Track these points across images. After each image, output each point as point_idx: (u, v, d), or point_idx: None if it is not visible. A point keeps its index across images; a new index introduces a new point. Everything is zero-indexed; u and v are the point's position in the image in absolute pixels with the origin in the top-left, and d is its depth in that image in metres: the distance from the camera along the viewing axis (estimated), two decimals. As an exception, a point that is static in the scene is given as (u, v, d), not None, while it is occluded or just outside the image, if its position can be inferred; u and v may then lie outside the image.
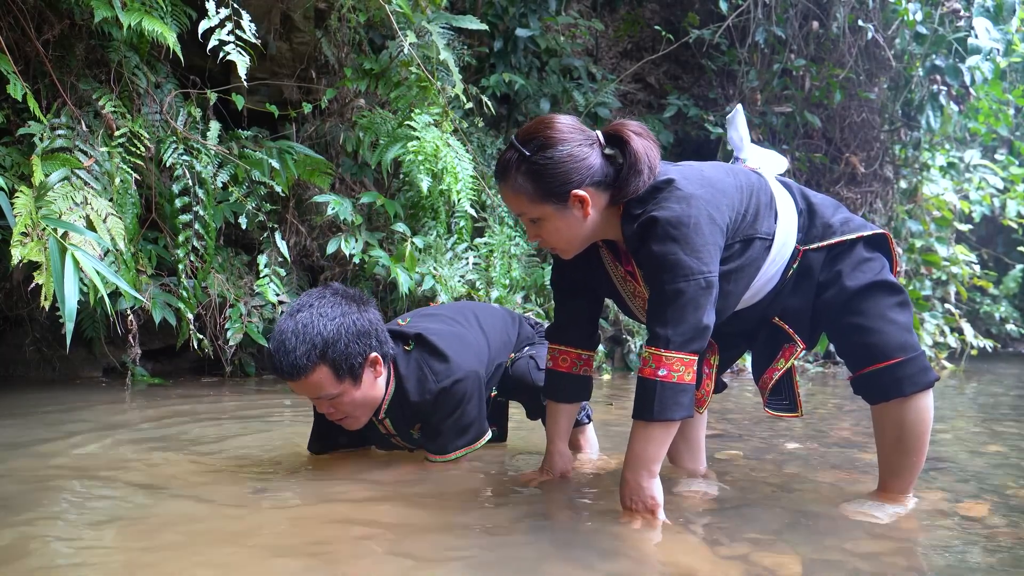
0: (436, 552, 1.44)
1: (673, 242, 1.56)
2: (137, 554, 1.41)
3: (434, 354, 2.02)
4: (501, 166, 1.67)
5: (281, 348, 1.86)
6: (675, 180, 1.63)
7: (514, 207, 1.69)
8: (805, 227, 1.80)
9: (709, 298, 1.59)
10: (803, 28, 5.91)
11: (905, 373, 1.73)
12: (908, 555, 1.53)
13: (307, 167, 4.01)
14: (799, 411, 1.94)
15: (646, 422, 1.59)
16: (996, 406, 4.09)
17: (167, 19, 3.35)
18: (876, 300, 1.76)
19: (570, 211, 1.65)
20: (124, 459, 2.20)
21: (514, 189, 1.65)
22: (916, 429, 1.77)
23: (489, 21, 5.08)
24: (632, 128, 1.66)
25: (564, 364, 1.91)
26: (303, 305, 1.92)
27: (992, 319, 8.69)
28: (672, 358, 1.56)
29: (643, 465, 1.61)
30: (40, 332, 4.03)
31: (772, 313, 1.86)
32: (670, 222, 1.57)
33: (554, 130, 1.63)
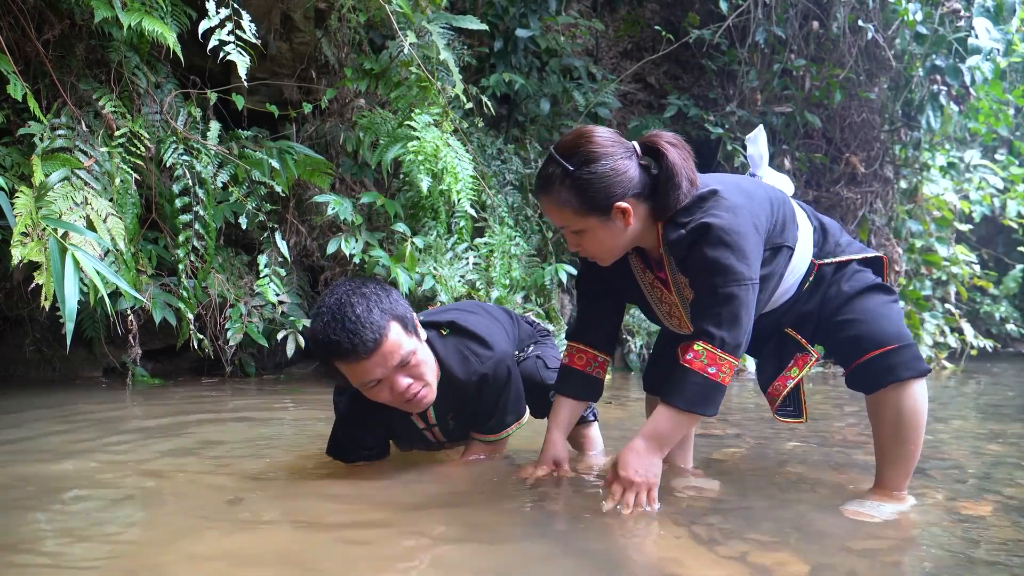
0: (429, 555, 1.44)
1: (726, 248, 1.63)
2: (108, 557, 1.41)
3: (473, 338, 2.03)
4: (544, 180, 1.71)
5: (348, 324, 1.75)
6: (719, 191, 1.70)
7: (557, 220, 1.73)
8: (820, 243, 1.89)
9: (755, 303, 1.67)
10: (803, 28, 5.90)
11: (899, 360, 1.77)
12: (908, 555, 1.53)
13: (307, 167, 4.01)
14: (804, 417, 1.98)
15: (679, 410, 1.66)
16: (996, 406, 4.09)
17: (167, 19, 3.35)
18: (869, 298, 1.85)
19: (613, 222, 1.70)
20: (122, 460, 2.20)
21: (559, 203, 1.69)
22: (913, 418, 1.80)
23: (489, 21, 5.08)
24: (667, 139, 1.71)
25: (579, 362, 1.96)
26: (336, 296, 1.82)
27: (992, 319, 8.69)
28: (724, 359, 1.64)
29: (662, 444, 1.69)
30: (40, 332, 4.03)
31: (786, 323, 1.92)
32: (724, 229, 1.64)
33: (595, 144, 1.67)
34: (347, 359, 1.77)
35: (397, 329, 1.82)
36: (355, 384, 1.85)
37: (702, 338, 1.65)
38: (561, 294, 5.13)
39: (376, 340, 1.77)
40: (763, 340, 1.97)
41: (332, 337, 1.77)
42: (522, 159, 5.21)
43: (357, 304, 1.79)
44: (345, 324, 1.76)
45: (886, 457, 1.87)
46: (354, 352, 1.76)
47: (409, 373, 1.85)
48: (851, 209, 6.38)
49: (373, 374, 1.80)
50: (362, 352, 1.76)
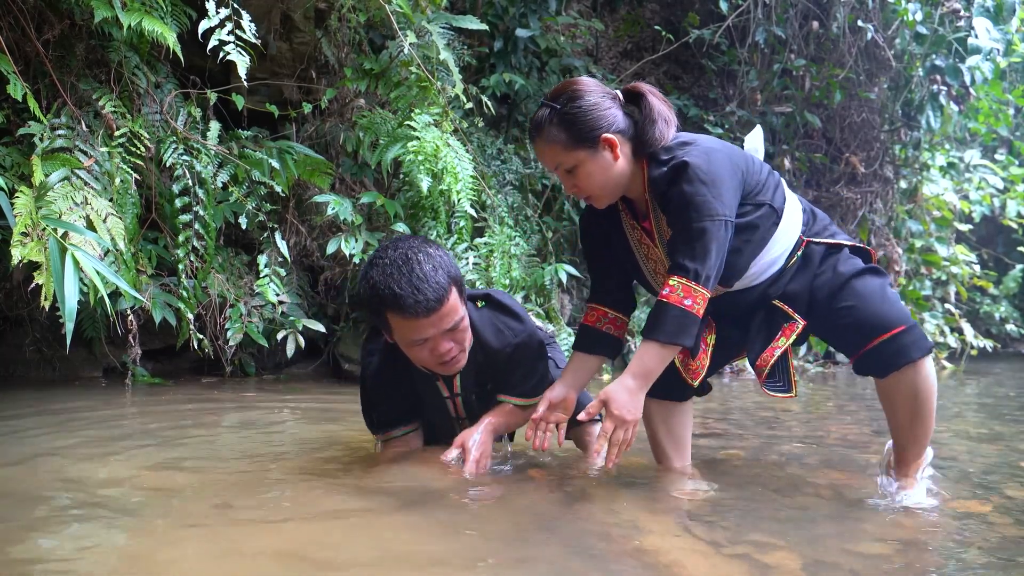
0: (433, 554, 1.44)
1: (702, 184, 1.72)
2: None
3: (507, 312, 2.07)
4: (535, 124, 1.83)
5: (415, 280, 1.75)
6: (697, 138, 1.83)
7: (550, 159, 1.84)
8: (809, 223, 1.96)
9: (727, 241, 1.75)
10: (803, 28, 5.91)
11: (910, 340, 1.83)
12: (908, 555, 1.53)
13: (307, 167, 4.01)
14: (793, 391, 2.00)
15: (661, 343, 1.74)
16: (996, 406, 4.09)
17: (167, 19, 3.34)
18: (867, 281, 1.90)
19: (601, 155, 1.81)
20: (121, 461, 2.20)
21: (549, 141, 1.81)
22: (928, 394, 1.88)
23: (489, 21, 5.07)
24: (647, 87, 1.86)
25: (591, 319, 2.02)
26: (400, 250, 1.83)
27: (992, 319, 8.69)
28: (698, 291, 1.72)
29: (648, 380, 1.77)
30: (40, 332, 4.03)
31: (773, 295, 1.96)
32: (700, 167, 1.73)
33: (579, 85, 1.83)
34: (404, 314, 1.77)
35: (456, 294, 1.83)
36: (399, 339, 1.85)
37: (677, 272, 1.73)
38: (561, 294, 5.13)
39: (439, 301, 1.77)
40: (751, 314, 2.01)
41: (396, 290, 1.76)
42: (522, 159, 5.21)
43: (424, 261, 1.79)
44: (412, 279, 1.76)
45: (906, 436, 1.95)
46: (414, 308, 1.75)
47: (453, 338, 1.86)
48: (851, 209, 6.38)
49: (424, 333, 1.80)
50: (422, 311, 1.76)
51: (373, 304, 1.83)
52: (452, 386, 2.08)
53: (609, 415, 1.74)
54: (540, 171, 5.22)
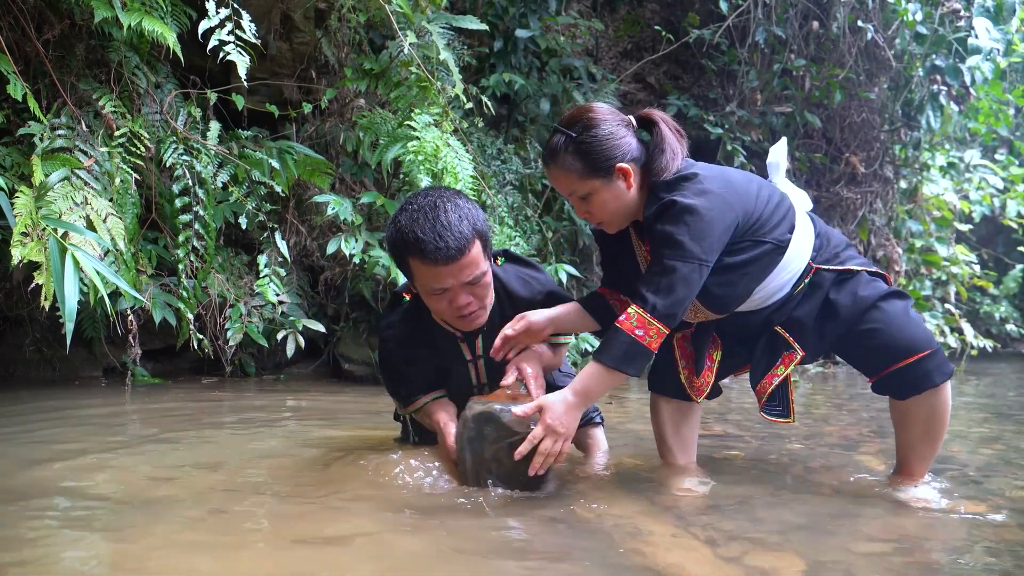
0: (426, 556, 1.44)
1: (684, 225, 1.73)
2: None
3: (527, 264, 2.12)
4: (550, 150, 1.85)
5: (439, 226, 1.76)
6: (699, 174, 1.81)
7: (564, 187, 1.86)
8: (821, 248, 1.96)
9: (698, 284, 1.75)
10: (803, 28, 5.90)
11: (933, 365, 1.87)
12: (908, 555, 1.53)
13: (307, 167, 4.00)
14: (792, 417, 2.03)
15: (606, 367, 1.75)
16: (996, 406, 4.09)
17: (167, 19, 3.34)
18: (892, 304, 1.91)
19: (615, 184, 1.83)
20: (119, 462, 2.20)
21: (565, 168, 1.83)
22: (943, 417, 1.93)
23: (489, 21, 5.07)
24: (661, 114, 1.88)
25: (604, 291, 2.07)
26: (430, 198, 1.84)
27: (992, 319, 8.68)
28: (653, 324, 1.73)
29: (587, 399, 1.79)
30: (40, 332, 4.03)
31: (777, 320, 1.97)
32: (686, 208, 1.74)
33: (595, 113, 1.84)
34: (425, 259, 1.78)
35: (478, 246, 1.83)
36: (419, 286, 1.87)
37: (636, 301, 1.75)
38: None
39: (460, 250, 1.78)
40: (754, 338, 2.03)
41: (419, 234, 1.78)
42: (522, 159, 5.21)
43: (451, 210, 1.81)
44: (436, 226, 1.77)
45: (916, 453, 1.98)
46: (435, 255, 1.77)
47: (473, 291, 1.86)
48: (851, 209, 6.38)
49: (444, 282, 1.81)
50: (442, 258, 1.77)
51: (397, 248, 1.85)
52: (475, 347, 2.05)
53: (541, 422, 1.74)
54: (540, 171, 5.22)
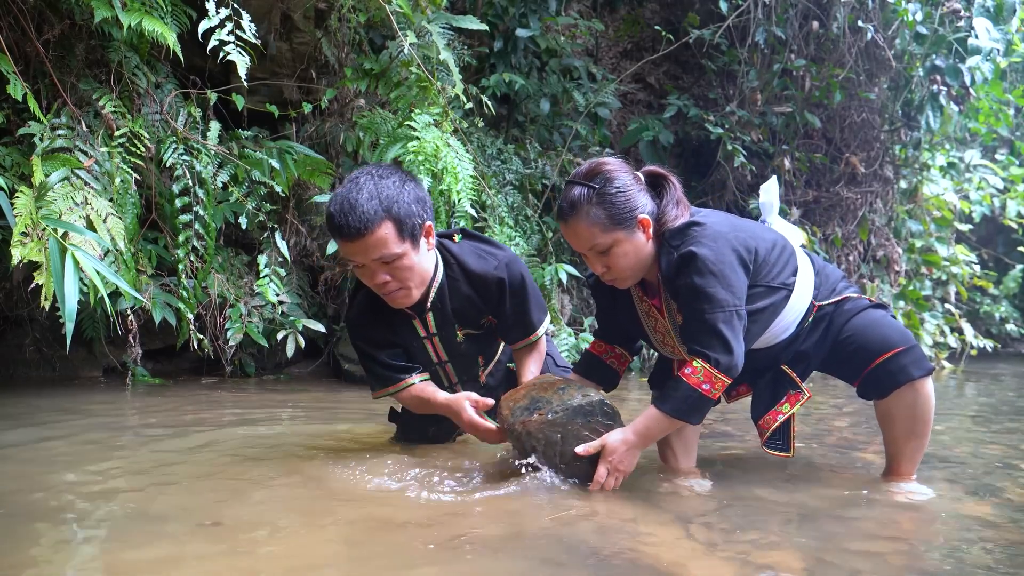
0: (425, 558, 1.44)
1: (712, 276, 1.78)
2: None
3: (484, 241, 2.14)
4: (571, 203, 1.83)
5: (345, 204, 1.84)
6: (706, 223, 1.86)
7: (585, 240, 1.85)
8: (819, 286, 2.02)
9: (741, 328, 1.81)
10: (803, 28, 5.90)
11: (910, 359, 1.91)
12: (908, 555, 1.53)
13: (307, 167, 4.00)
14: (791, 452, 2.09)
15: (668, 416, 1.82)
16: (996, 406, 4.09)
17: (167, 19, 3.34)
18: (869, 313, 2.01)
19: (636, 235, 1.85)
20: (117, 463, 2.20)
21: (588, 222, 1.82)
22: (925, 414, 1.94)
23: (489, 21, 5.07)
24: (665, 170, 1.94)
25: (597, 349, 2.16)
26: (359, 175, 1.92)
27: (992, 319, 8.67)
28: (719, 379, 1.79)
29: (646, 441, 1.86)
30: (40, 332, 4.03)
31: (784, 359, 2.05)
32: (708, 258, 1.78)
33: (611, 166, 1.87)
34: (334, 234, 1.89)
35: (389, 228, 1.87)
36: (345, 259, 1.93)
37: (701, 358, 1.79)
38: (561, 294, 5.13)
39: (359, 231, 1.84)
40: (760, 374, 2.09)
41: (331, 209, 1.88)
42: (522, 159, 5.21)
43: (364, 187, 1.87)
44: (344, 204, 1.85)
45: (901, 452, 2.01)
46: (338, 231, 1.86)
47: (389, 271, 1.92)
48: (851, 209, 6.38)
49: (353, 257, 1.91)
50: (346, 235, 1.85)
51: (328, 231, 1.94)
52: (427, 324, 2.10)
53: (604, 460, 1.83)
54: (540, 171, 5.22)
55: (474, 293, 2.08)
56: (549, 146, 5.55)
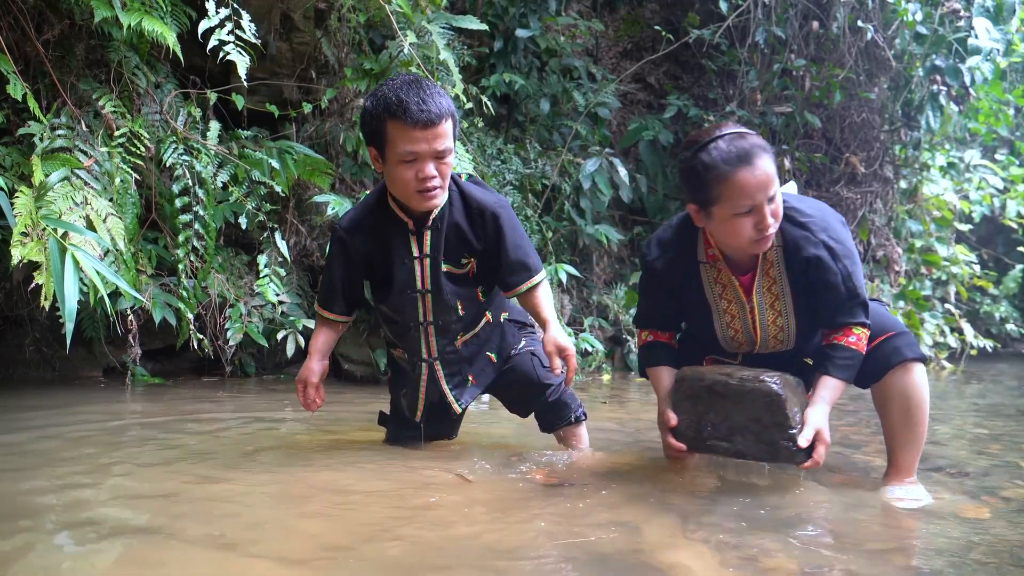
0: (427, 559, 1.44)
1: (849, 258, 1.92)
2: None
3: (484, 186, 2.20)
4: (763, 144, 1.85)
5: (420, 95, 1.90)
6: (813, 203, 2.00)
7: (772, 180, 1.84)
8: None
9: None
10: (803, 28, 5.90)
11: (903, 342, 1.97)
12: (908, 555, 1.53)
13: (307, 167, 4.00)
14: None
15: (846, 383, 1.94)
16: (996, 406, 4.09)
17: (167, 19, 3.34)
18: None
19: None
20: (116, 466, 2.20)
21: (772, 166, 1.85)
22: (920, 400, 1.97)
23: (489, 21, 5.07)
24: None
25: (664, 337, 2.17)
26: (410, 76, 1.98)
27: (992, 319, 8.67)
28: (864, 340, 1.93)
29: (828, 410, 1.93)
30: (40, 332, 4.03)
31: (806, 354, 2.11)
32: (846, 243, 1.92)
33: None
34: (406, 120, 1.89)
35: (450, 124, 1.96)
36: (392, 155, 1.95)
37: (858, 326, 1.92)
38: (561, 294, 5.13)
39: (439, 116, 1.91)
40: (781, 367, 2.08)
41: (402, 96, 1.90)
42: (522, 159, 5.21)
43: (428, 85, 1.95)
44: (420, 91, 1.90)
45: (898, 442, 2.01)
46: (416, 115, 1.88)
47: (438, 167, 1.97)
48: (851, 209, 6.38)
49: (417, 146, 1.92)
50: (423, 118, 1.88)
51: (376, 113, 1.94)
52: (423, 243, 2.11)
53: (820, 440, 1.87)
54: (540, 171, 5.22)
55: (466, 223, 2.11)
56: (549, 146, 5.55)
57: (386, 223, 2.12)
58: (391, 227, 2.12)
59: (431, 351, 2.20)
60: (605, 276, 5.76)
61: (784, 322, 2.02)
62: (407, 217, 2.09)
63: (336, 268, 2.21)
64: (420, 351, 2.20)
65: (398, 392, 2.36)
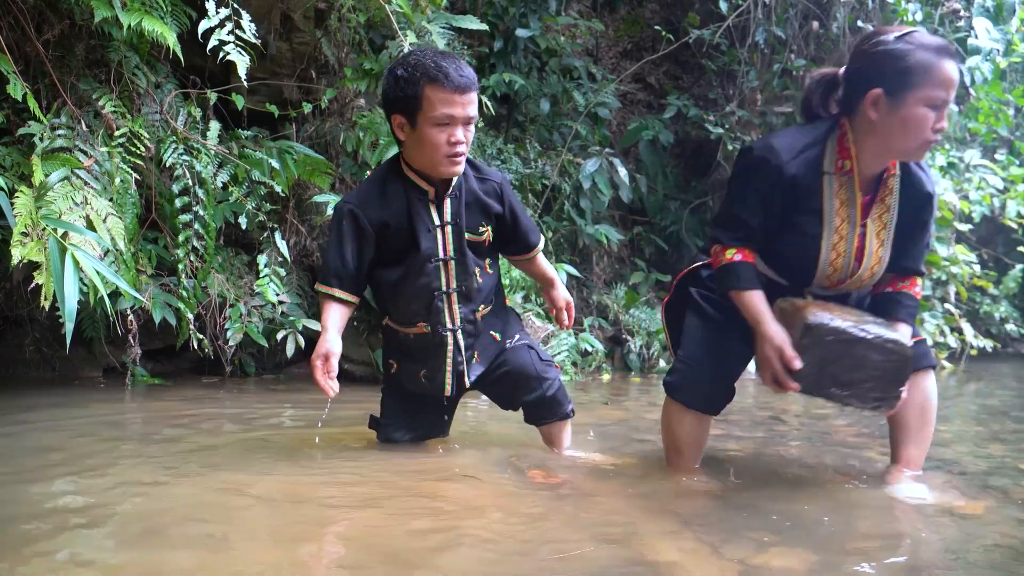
0: (431, 559, 1.44)
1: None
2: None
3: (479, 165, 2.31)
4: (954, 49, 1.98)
5: (455, 62, 2.02)
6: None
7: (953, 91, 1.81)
8: None
9: None
10: (803, 28, 5.90)
11: (922, 350, 2.06)
12: (908, 555, 1.53)
13: (307, 167, 4.00)
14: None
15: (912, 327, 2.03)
16: (996, 406, 4.09)
17: (167, 19, 3.34)
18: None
19: None
20: (115, 467, 2.20)
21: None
22: (933, 403, 2.07)
23: (489, 21, 5.07)
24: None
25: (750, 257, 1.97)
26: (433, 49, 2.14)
27: (992, 319, 8.66)
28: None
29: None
30: (40, 332, 4.03)
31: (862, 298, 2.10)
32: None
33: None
34: (445, 85, 1.98)
35: (476, 93, 2.07)
36: (427, 119, 2.01)
37: (920, 277, 2.01)
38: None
39: (473, 82, 2.02)
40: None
41: (440, 62, 2.00)
42: (522, 159, 5.21)
43: (455, 56, 2.06)
44: (454, 60, 2.03)
45: (912, 439, 2.08)
46: (456, 79, 1.98)
47: (466, 133, 2.05)
48: (851, 209, 6.37)
49: (454, 109, 2.00)
50: (461, 83, 1.99)
51: (413, 78, 2.00)
52: (443, 212, 2.14)
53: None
54: (540, 171, 5.22)
55: (480, 190, 2.21)
56: (549, 146, 5.55)
57: (404, 193, 2.14)
58: (411, 195, 2.14)
59: (454, 320, 2.21)
60: (605, 276, 5.76)
61: (883, 253, 1.95)
62: (428, 185, 2.13)
63: (347, 244, 2.14)
64: (444, 320, 2.20)
65: (411, 377, 2.29)
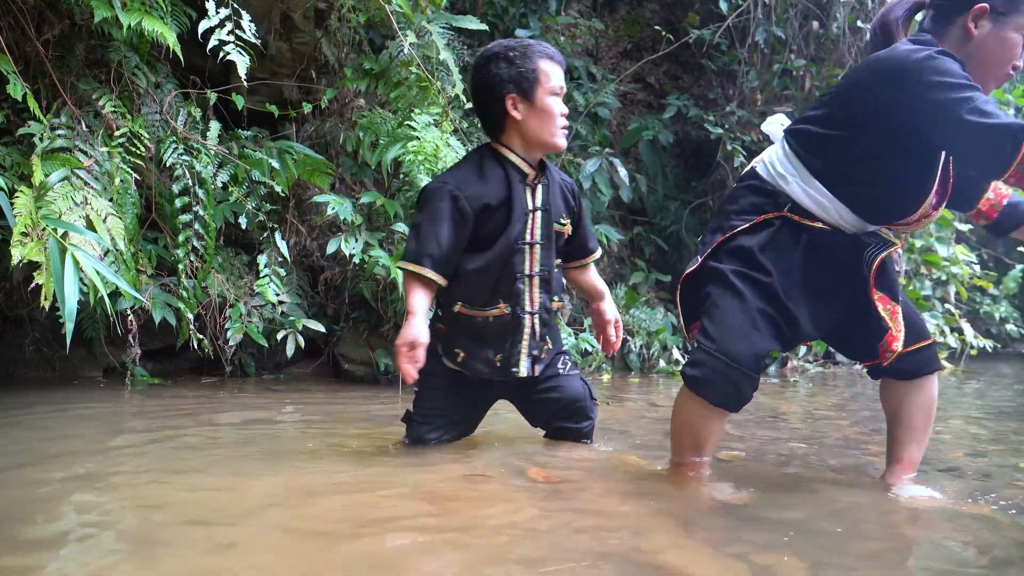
0: (431, 558, 1.44)
1: None
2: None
3: None
4: None
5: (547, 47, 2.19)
6: None
7: None
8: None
9: None
10: (803, 28, 5.91)
11: (934, 353, 2.09)
12: (908, 555, 1.53)
13: (307, 167, 4.01)
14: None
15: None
16: (996, 406, 4.09)
17: (167, 19, 3.34)
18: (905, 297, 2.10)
19: None
20: (115, 466, 2.20)
21: None
22: (935, 407, 2.11)
23: (489, 21, 5.08)
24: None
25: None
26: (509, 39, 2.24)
27: (992, 319, 8.67)
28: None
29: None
30: (40, 332, 4.03)
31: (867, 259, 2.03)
32: None
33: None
34: (554, 59, 2.16)
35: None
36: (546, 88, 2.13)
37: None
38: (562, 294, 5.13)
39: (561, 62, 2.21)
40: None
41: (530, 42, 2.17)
42: (522, 159, 5.21)
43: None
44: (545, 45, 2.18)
45: (914, 438, 2.10)
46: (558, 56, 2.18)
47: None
48: (851, 209, 6.37)
49: (562, 80, 2.18)
50: (561, 59, 2.18)
51: (528, 55, 2.13)
52: (535, 197, 2.21)
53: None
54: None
55: (561, 184, 2.31)
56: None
57: (505, 174, 2.17)
58: (512, 177, 2.18)
59: (533, 303, 2.27)
60: (605, 276, 5.76)
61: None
62: (529, 168, 2.20)
63: (444, 225, 2.08)
64: (524, 303, 2.24)
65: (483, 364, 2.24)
